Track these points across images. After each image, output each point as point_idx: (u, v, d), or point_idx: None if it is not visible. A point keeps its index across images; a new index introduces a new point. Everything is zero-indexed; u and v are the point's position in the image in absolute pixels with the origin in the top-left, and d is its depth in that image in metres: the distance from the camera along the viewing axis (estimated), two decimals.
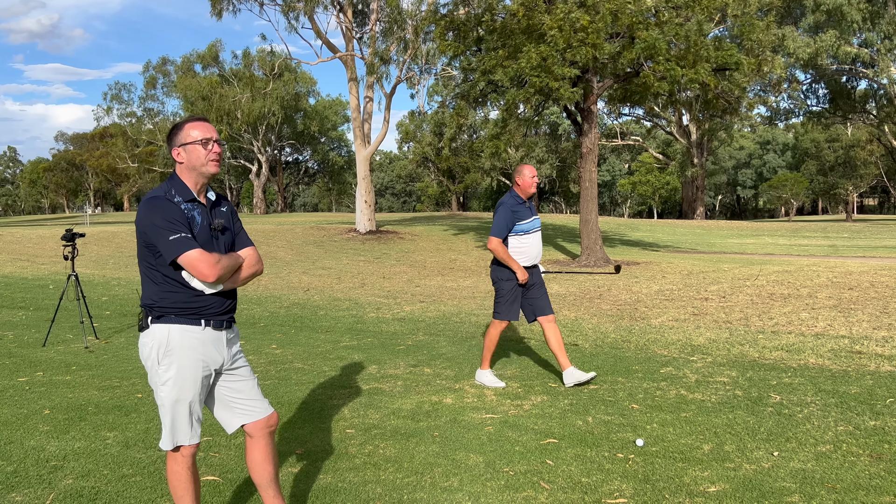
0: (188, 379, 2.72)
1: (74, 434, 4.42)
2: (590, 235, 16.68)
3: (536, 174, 5.54)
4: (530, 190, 5.45)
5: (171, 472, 2.80)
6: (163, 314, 2.71)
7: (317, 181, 74.14)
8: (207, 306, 2.75)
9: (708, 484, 3.55)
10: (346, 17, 23.14)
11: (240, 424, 2.87)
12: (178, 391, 2.72)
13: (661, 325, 8.22)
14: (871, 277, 11.77)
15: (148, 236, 2.65)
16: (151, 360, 2.73)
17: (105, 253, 18.51)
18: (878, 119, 45.28)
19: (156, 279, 2.72)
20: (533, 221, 5.48)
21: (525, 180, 5.44)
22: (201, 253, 2.64)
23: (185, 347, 2.71)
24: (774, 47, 20.66)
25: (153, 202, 2.66)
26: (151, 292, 2.73)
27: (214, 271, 2.65)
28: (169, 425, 2.74)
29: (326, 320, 8.98)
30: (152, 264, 2.71)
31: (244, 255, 2.86)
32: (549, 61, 14.42)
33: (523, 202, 5.46)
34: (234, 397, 2.87)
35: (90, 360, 6.66)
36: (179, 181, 2.76)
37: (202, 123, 2.78)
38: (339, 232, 23.97)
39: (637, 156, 67.75)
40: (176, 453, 2.78)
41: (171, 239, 2.61)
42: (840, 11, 35.79)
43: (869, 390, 5.16)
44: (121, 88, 61.23)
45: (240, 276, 2.81)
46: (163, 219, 2.62)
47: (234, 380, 2.87)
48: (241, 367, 2.89)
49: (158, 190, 2.74)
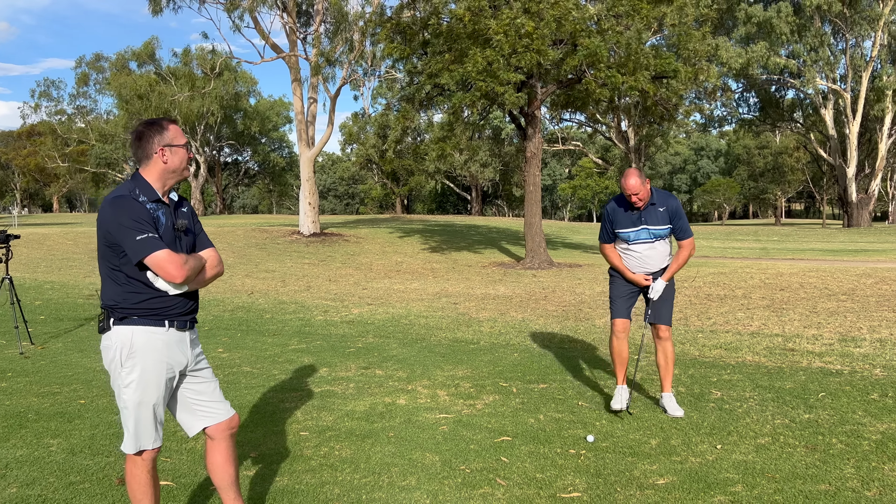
0: (151, 381, 2.69)
1: (15, 442, 4.27)
2: (534, 238, 16.94)
3: (635, 189, 4.58)
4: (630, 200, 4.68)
5: (130, 476, 2.76)
6: (126, 315, 2.67)
7: (257, 182, 72.88)
8: (171, 307, 2.73)
9: (657, 477, 3.68)
10: (290, 18, 22.88)
11: (201, 427, 2.85)
12: (141, 393, 2.68)
13: (605, 325, 8.43)
14: (801, 279, 12.32)
15: (112, 236, 2.61)
16: (115, 362, 2.69)
17: (36, 256, 17.80)
18: (804, 127, 47.35)
19: (118, 280, 2.67)
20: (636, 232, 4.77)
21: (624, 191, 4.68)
22: (169, 254, 2.61)
23: (149, 349, 2.68)
24: (709, 57, 21.40)
25: (119, 201, 2.62)
26: (114, 293, 2.68)
27: (183, 272, 2.64)
28: (132, 428, 2.70)
29: (273, 323, 8.88)
30: (115, 265, 2.66)
31: (205, 256, 2.85)
32: (495, 66, 14.60)
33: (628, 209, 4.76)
34: (196, 399, 2.84)
35: (26, 365, 6.42)
36: (144, 181, 2.72)
37: (179, 127, 2.80)
38: (281, 234, 23.65)
39: (577, 160, 69.04)
40: (137, 457, 2.74)
41: (138, 239, 2.57)
42: (770, 24, 37.33)
43: (802, 385, 5.43)
44: (50, 85, 59.08)
45: (203, 277, 2.80)
46: (130, 218, 2.58)
47: (197, 382, 2.85)
48: (203, 369, 2.88)
49: (122, 189, 2.70)
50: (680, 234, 4.78)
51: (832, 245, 25.99)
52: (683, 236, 4.79)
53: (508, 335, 7.90)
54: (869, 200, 42.15)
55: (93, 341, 7.60)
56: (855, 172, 41.71)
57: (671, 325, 4.83)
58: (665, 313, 4.82)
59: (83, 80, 53.88)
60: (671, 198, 4.73)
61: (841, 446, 4.07)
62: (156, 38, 51.71)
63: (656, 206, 4.70)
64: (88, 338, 7.81)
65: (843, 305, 9.27)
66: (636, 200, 4.62)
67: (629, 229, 4.76)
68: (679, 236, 4.80)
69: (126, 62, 51.00)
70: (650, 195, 4.69)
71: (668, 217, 4.72)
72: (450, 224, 32.70)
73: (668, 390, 4.87)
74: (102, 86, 53.61)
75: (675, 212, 4.72)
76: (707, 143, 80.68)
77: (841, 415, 4.65)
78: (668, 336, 4.86)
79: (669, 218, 4.72)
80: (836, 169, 43.48)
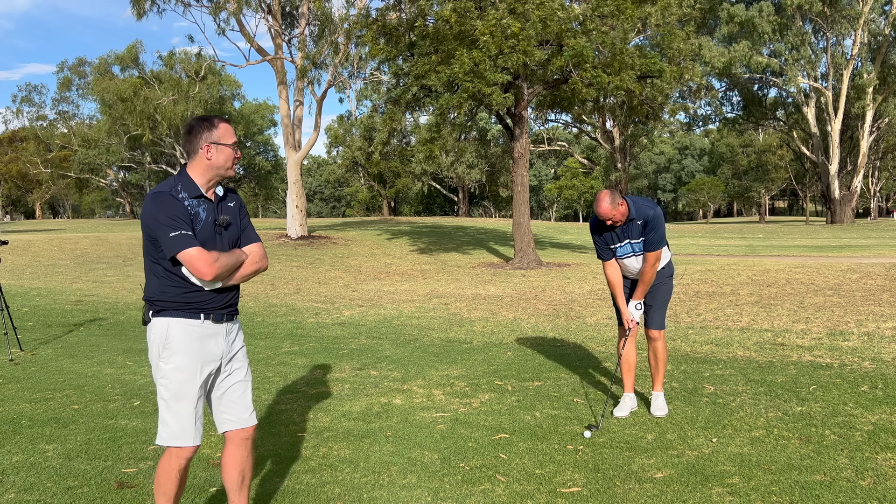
0: (187, 374, 2.71)
1: (10, 448, 4.24)
2: (522, 238, 16.99)
3: (607, 215, 4.54)
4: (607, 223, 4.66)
5: (162, 470, 2.78)
6: (163, 308, 2.72)
7: (242, 186, 72.57)
8: (208, 301, 2.76)
9: (655, 470, 3.72)
10: (275, 21, 22.82)
11: (224, 430, 2.90)
12: (177, 386, 2.70)
13: (597, 323, 8.48)
14: (787, 275, 12.45)
15: (152, 230, 2.66)
16: (154, 354, 2.73)
17: (21, 262, 17.64)
18: (787, 125, 47.84)
19: (158, 273, 2.72)
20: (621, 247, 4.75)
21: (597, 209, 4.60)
22: (199, 251, 2.64)
23: (184, 341, 2.71)
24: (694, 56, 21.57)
25: (158, 197, 2.67)
26: (153, 286, 2.74)
27: (212, 270, 2.66)
28: (170, 422, 2.72)
29: (264, 326, 8.86)
30: (156, 258, 2.71)
31: (249, 251, 2.86)
32: (482, 67, 14.64)
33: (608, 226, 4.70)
34: (227, 398, 2.87)
35: (17, 372, 6.36)
36: (188, 178, 2.75)
37: (230, 126, 2.82)
38: (269, 238, 23.57)
39: (563, 161, 69.31)
40: (174, 451, 2.75)
41: (171, 236, 2.62)
42: (752, 23, 37.68)
43: (793, 379, 5.49)
44: (31, 90, 58.50)
45: (242, 273, 2.82)
46: (165, 215, 2.63)
47: (231, 379, 2.87)
48: (239, 367, 2.89)
49: (165, 185, 2.73)
50: (646, 246, 4.61)
51: (816, 241, 26.27)
52: (648, 249, 4.60)
53: (501, 334, 7.93)
54: (851, 197, 42.64)
55: (83, 347, 7.55)
56: (837, 169, 42.19)
57: (663, 328, 4.84)
58: (657, 318, 4.80)
59: (65, 84, 53.40)
60: (649, 209, 4.59)
61: (834, 437, 4.12)
62: (139, 41, 51.65)
63: (634, 221, 4.60)
64: (78, 343, 7.76)
65: (829, 300, 9.38)
66: (611, 223, 4.58)
67: (616, 244, 4.72)
68: (645, 248, 4.63)
69: (109, 66, 50.65)
70: (628, 211, 4.59)
71: (640, 230, 4.62)
72: (437, 226, 32.72)
73: (658, 389, 4.84)
74: (85, 91, 53.15)
75: (650, 223, 4.58)
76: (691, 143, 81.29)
77: (833, 407, 4.71)
78: (659, 337, 4.83)
79: (641, 231, 4.62)
80: (819, 166, 43.97)
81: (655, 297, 4.80)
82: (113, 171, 57.32)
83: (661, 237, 4.62)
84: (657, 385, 4.86)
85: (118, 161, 52.83)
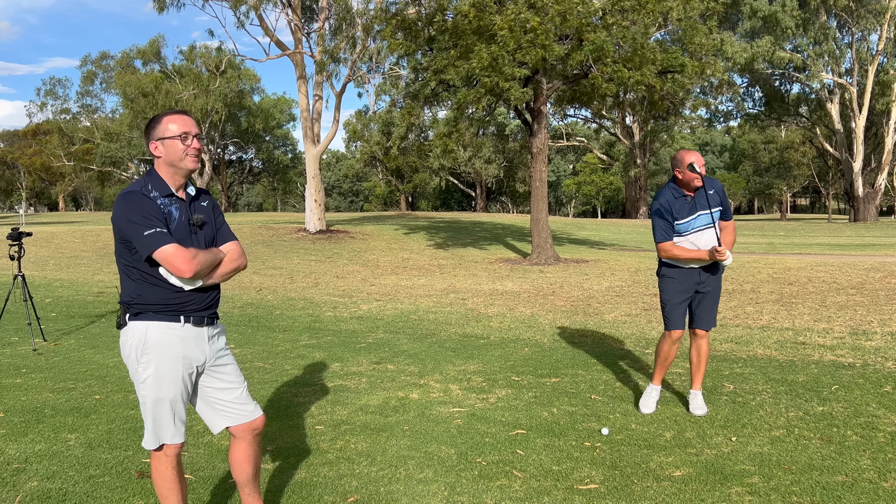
0: (167, 377, 2.67)
1: (33, 437, 4.30)
2: (540, 234, 16.93)
3: (701, 159, 4.43)
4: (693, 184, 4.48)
5: (155, 472, 2.77)
6: (141, 311, 2.66)
7: (261, 180, 72.96)
8: (187, 303, 2.70)
9: (673, 469, 3.69)
10: (295, 15, 22.89)
11: (224, 426, 2.86)
12: (157, 389, 2.67)
13: (615, 319, 8.43)
14: (809, 273, 12.30)
15: (124, 232, 2.60)
16: (131, 358, 2.69)
17: (44, 254, 17.88)
18: (810, 122, 47.19)
19: (133, 276, 2.67)
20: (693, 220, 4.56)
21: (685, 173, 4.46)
22: (177, 248, 2.58)
23: (164, 345, 2.66)
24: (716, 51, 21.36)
25: (128, 197, 2.61)
26: (129, 289, 2.68)
27: (191, 266, 2.60)
28: (151, 424, 2.70)
29: (283, 319, 8.91)
30: (129, 261, 2.66)
31: (226, 249, 2.82)
32: (500, 61, 14.59)
33: (682, 196, 4.56)
34: (218, 398, 2.83)
35: (40, 362, 6.46)
36: (157, 176, 2.71)
37: (181, 117, 2.71)
38: (288, 231, 23.69)
39: (581, 156, 68.94)
40: (160, 453, 2.74)
41: (145, 234, 2.56)
42: (775, 18, 37.18)
43: (815, 378, 5.43)
44: (55, 84, 59.22)
45: (221, 271, 2.77)
46: (138, 214, 2.57)
47: (218, 379, 2.82)
48: (226, 366, 2.84)
49: (135, 185, 2.69)
50: (724, 215, 4.62)
51: (839, 240, 25.91)
52: (727, 217, 4.64)
53: (518, 330, 7.91)
54: (875, 195, 42.00)
55: (105, 338, 7.63)
56: (861, 167, 41.56)
57: (714, 326, 4.80)
58: (710, 318, 4.72)
59: (89, 78, 53.99)
60: (716, 180, 4.62)
61: (856, 438, 4.07)
62: (161, 36, 51.64)
63: (706, 190, 4.48)
64: (100, 334, 7.85)
65: (852, 299, 9.26)
66: (694, 187, 4.44)
67: (685, 219, 4.54)
68: (725, 217, 4.63)
69: (131, 60, 51.12)
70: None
71: (718, 198, 4.57)
72: (455, 221, 32.70)
73: (697, 388, 4.74)
74: (108, 84, 53.69)
75: (723, 192, 4.63)
76: (712, 139, 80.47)
77: (855, 407, 4.65)
78: (705, 335, 4.76)
79: (720, 199, 4.58)
80: (842, 163, 43.34)
81: (713, 296, 4.72)
82: (134, 165, 57.86)
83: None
84: (697, 384, 4.77)
85: (139, 154, 53.32)
